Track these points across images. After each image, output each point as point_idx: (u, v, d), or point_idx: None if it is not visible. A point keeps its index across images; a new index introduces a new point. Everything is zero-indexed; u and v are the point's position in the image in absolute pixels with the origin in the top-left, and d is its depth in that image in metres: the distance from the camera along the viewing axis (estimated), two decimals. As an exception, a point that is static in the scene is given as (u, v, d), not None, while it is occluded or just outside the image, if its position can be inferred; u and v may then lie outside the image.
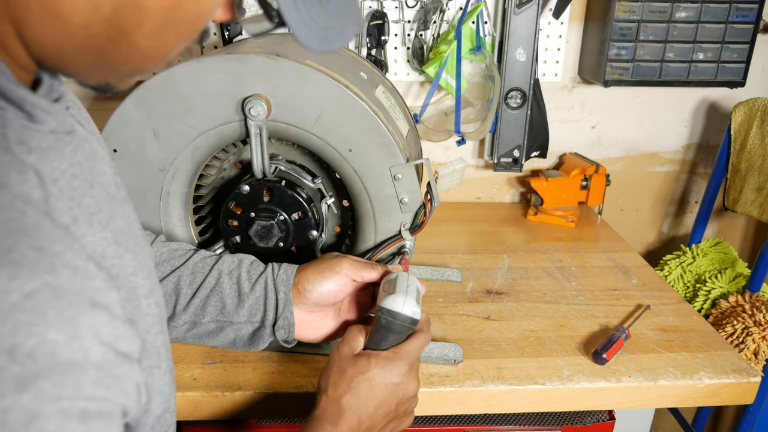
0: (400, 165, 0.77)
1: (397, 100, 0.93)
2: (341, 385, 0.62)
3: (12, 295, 0.30)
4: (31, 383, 0.29)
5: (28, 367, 0.29)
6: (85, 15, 0.36)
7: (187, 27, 0.40)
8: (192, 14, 0.40)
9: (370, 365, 0.63)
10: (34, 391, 0.29)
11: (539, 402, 0.82)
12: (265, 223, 0.81)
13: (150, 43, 0.39)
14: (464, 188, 1.47)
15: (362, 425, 0.61)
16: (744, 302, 1.17)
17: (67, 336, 0.31)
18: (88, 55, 0.38)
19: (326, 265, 0.72)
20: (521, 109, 1.30)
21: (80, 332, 0.32)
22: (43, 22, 0.36)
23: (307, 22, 0.41)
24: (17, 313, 0.30)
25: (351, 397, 0.61)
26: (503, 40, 1.25)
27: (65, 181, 0.39)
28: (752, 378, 0.83)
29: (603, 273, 1.12)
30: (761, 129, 1.25)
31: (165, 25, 0.39)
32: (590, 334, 0.92)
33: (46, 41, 0.37)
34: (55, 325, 0.31)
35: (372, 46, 1.25)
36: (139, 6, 0.37)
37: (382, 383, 0.62)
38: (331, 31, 0.43)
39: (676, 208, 1.56)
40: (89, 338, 0.33)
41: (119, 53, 0.39)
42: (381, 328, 0.65)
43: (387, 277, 0.70)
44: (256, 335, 0.74)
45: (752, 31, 1.26)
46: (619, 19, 1.23)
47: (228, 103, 0.75)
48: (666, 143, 1.48)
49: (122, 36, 0.38)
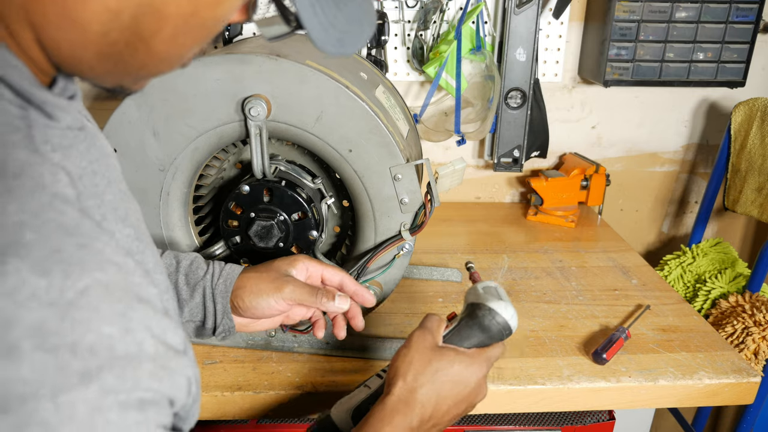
0: (400, 165, 0.77)
1: (397, 100, 0.93)
2: (425, 374, 0.60)
3: (67, 293, 0.30)
4: (95, 377, 0.31)
5: (90, 362, 0.30)
6: (104, 22, 0.36)
7: (204, 31, 0.41)
8: (209, 19, 0.40)
9: (456, 361, 0.61)
10: (98, 385, 0.31)
11: (539, 402, 0.82)
12: (265, 224, 0.81)
13: (167, 48, 0.40)
14: (464, 188, 1.47)
15: (431, 420, 0.61)
16: (744, 302, 1.17)
17: (120, 330, 0.32)
18: (107, 61, 0.39)
19: (268, 284, 0.69)
20: (521, 109, 1.30)
21: (132, 326, 0.33)
22: (61, 29, 0.36)
23: (324, 26, 0.42)
24: (74, 310, 0.30)
25: (430, 390, 0.60)
26: (503, 40, 1.25)
27: (88, 179, 0.40)
28: (752, 378, 0.83)
29: (603, 273, 1.12)
30: (761, 129, 1.25)
31: (183, 31, 0.39)
32: (590, 334, 0.92)
33: (63, 47, 0.37)
34: (108, 320, 0.32)
35: (372, 46, 1.25)
36: (158, 13, 0.37)
37: (462, 383, 0.62)
38: (347, 35, 0.43)
39: (676, 208, 1.56)
40: (141, 331, 0.34)
41: (137, 58, 0.39)
42: (477, 326, 0.63)
43: (483, 283, 0.67)
44: (199, 332, 0.73)
45: (752, 31, 1.26)
46: (619, 19, 1.23)
47: (228, 103, 0.75)
48: (666, 143, 1.48)
49: (140, 42, 0.38)
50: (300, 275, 0.72)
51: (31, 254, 0.30)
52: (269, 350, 0.87)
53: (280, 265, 0.71)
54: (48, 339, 0.29)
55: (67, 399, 0.30)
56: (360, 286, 0.74)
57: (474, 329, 0.63)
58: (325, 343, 0.86)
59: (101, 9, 0.36)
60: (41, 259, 0.30)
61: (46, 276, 0.30)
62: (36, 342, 0.29)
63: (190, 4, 0.38)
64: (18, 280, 0.29)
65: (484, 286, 0.66)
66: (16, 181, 0.32)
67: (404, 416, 0.59)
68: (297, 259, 0.72)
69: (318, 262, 0.73)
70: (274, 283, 0.69)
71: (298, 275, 0.72)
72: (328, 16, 0.42)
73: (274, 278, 0.70)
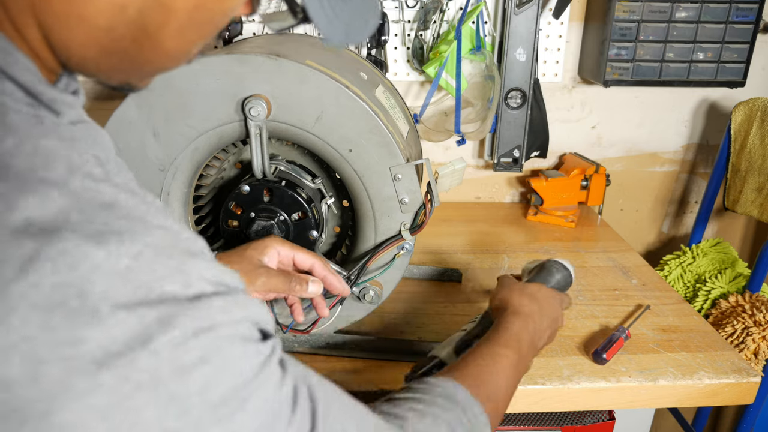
0: (400, 165, 0.77)
1: (397, 100, 0.93)
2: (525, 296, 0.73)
3: (122, 259, 0.32)
4: (172, 322, 0.33)
5: (163, 311, 0.33)
6: (110, 17, 0.37)
7: (210, 25, 0.41)
8: (216, 12, 0.40)
9: (542, 288, 0.76)
10: (178, 327, 0.33)
11: (539, 402, 0.82)
12: (265, 223, 0.81)
13: (174, 44, 0.40)
14: (464, 188, 1.47)
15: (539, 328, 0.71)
16: (744, 302, 1.17)
17: (181, 285, 0.34)
18: (112, 57, 0.39)
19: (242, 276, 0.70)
20: (521, 109, 1.30)
21: (189, 279, 0.35)
22: (68, 26, 0.36)
23: (330, 19, 0.42)
24: (132, 274, 0.32)
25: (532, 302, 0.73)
26: (503, 40, 1.25)
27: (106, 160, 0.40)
28: (752, 378, 0.83)
29: (603, 273, 1.12)
30: (761, 129, 1.25)
31: (189, 25, 0.39)
32: (590, 334, 0.92)
33: (71, 45, 0.38)
34: (167, 277, 0.34)
35: (372, 46, 1.25)
36: (164, 7, 0.37)
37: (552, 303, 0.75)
38: (352, 26, 0.44)
39: (676, 208, 1.56)
40: (200, 282, 0.35)
41: (143, 54, 0.39)
42: (550, 275, 0.80)
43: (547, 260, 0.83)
44: None
45: (752, 31, 1.26)
46: (619, 19, 1.23)
47: (228, 103, 0.75)
48: (666, 143, 1.48)
49: (146, 37, 0.38)
50: (272, 261, 0.73)
51: (85, 229, 0.32)
52: (269, 350, 0.87)
53: (252, 254, 0.72)
54: (119, 300, 0.32)
55: (157, 344, 0.32)
56: (329, 272, 0.76)
57: (547, 277, 0.80)
58: (324, 343, 0.86)
59: (107, 4, 0.36)
60: (95, 233, 0.32)
61: (104, 246, 0.32)
62: (111, 303, 0.31)
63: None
64: (79, 253, 0.31)
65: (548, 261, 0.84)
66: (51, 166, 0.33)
67: (524, 322, 0.70)
68: (268, 245, 0.73)
69: (290, 245, 0.74)
70: (247, 276, 0.70)
71: (270, 262, 0.73)
72: (334, 8, 0.42)
73: (247, 271, 0.71)
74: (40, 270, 0.30)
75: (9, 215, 0.30)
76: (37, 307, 0.30)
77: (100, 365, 0.31)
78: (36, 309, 0.30)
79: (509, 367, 0.64)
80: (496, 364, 0.63)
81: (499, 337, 0.67)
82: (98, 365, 0.31)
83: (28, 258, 0.30)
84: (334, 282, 0.76)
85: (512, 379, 0.64)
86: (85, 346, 0.31)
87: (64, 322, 0.30)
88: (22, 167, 0.32)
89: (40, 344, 0.30)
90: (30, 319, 0.30)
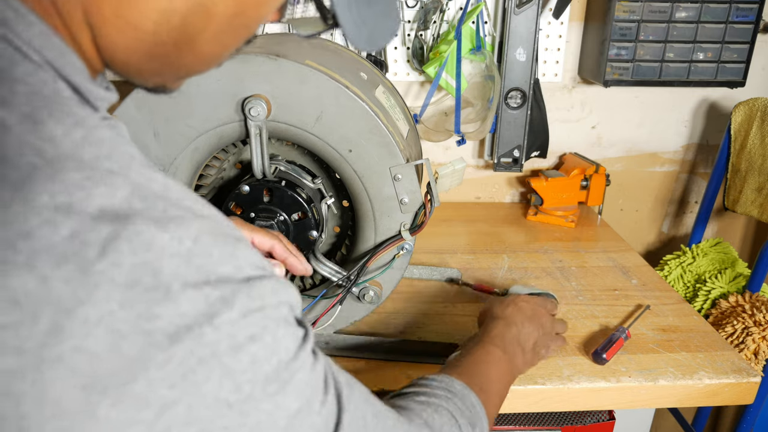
0: (400, 165, 0.77)
1: (397, 100, 0.93)
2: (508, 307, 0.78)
3: (185, 242, 0.35)
4: (233, 300, 0.36)
5: (225, 290, 0.35)
6: (155, 23, 0.39)
7: (245, 31, 0.43)
8: (252, 19, 0.42)
9: (523, 299, 0.81)
10: (238, 305, 0.36)
11: (539, 402, 0.82)
12: (265, 224, 0.81)
13: (210, 48, 0.42)
14: (464, 188, 1.47)
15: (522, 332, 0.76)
16: (744, 302, 1.17)
17: (233, 267, 0.37)
18: (154, 61, 0.41)
19: None
20: (521, 109, 1.30)
21: (240, 263, 0.37)
22: (116, 30, 0.39)
23: (357, 23, 0.44)
24: (193, 257, 0.35)
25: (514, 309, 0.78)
26: (503, 40, 1.25)
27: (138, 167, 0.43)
28: (752, 378, 0.83)
29: (603, 273, 1.12)
30: (761, 129, 1.25)
31: (227, 30, 0.41)
32: (590, 334, 0.92)
33: (118, 48, 0.40)
34: (222, 261, 0.36)
35: (372, 46, 1.24)
36: (206, 12, 0.39)
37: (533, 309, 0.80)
38: (376, 31, 0.46)
39: (676, 208, 1.56)
40: (247, 265, 0.38)
41: (182, 58, 0.42)
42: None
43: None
44: None
45: (752, 31, 1.26)
46: (619, 19, 1.23)
47: (228, 103, 0.75)
48: (666, 143, 1.48)
49: (186, 42, 0.40)
50: None
51: (150, 215, 0.34)
52: (269, 350, 0.87)
53: None
54: (187, 279, 0.34)
55: (219, 321, 0.35)
56: (289, 253, 0.75)
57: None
58: (324, 343, 0.86)
59: (153, 10, 0.38)
60: (157, 219, 0.34)
61: (167, 231, 0.34)
62: (180, 282, 0.34)
63: (236, 4, 0.40)
64: (150, 236, 0.33)
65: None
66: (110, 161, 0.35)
67: (506, 326, 0.74)
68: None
69: (248, 227, 0.74)
70: None
71: None
72: (360, 13, 0.44)
73: None
74: (120, 250, 0.32)
75: (87, 203, 0.32)
76: (117, 284, 0.32)
77: (173, 339, 0.33)
78: (117, 286, 0.32)
79: (496, 362, 0.69)
80: (485, 359, 0.68)
81: (482, 338, 0.72)
82: (171, 339, 0.33)
83: (109, 240, 0.32)
84: (295, 263, 0.76)
85: (501, 374, 0.69)
86: (160, 321, 0.33)
87: (142, 299, 0.33)
88: (90, 158, 0.34)
89: (121, 319, 0.32)
90: (112, 296, 0.32)
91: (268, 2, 0.42)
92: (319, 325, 0.85)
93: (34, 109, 0.34)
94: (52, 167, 0.32)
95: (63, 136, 0.34)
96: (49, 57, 0.37)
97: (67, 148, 0.33)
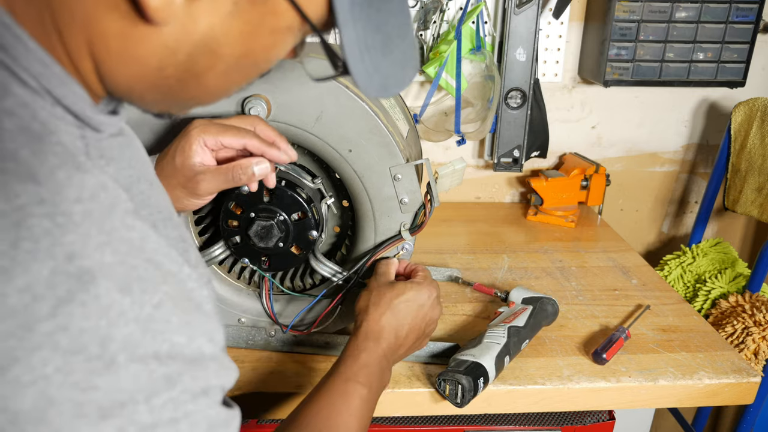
0: (400, 165, 0.77)
1: (397, 100, 0.93)
2: (381, 305, 0.71)
3: (145, 308, 0.33)
4: (177, 380, 0.34)
5: (171, 368, 0.34)
6: (161, 59, 0.38)
7: (255, 69, 0.43)
8: (262, 60, 0.42)
9: (407, 288, 0.73)
10: (180, 386, 0.35)
11: (539, 402, 0.82)
12: (264, 224, 0.81)
13: (217, 83, 0.41)
14: (464, 188, 1.47)
15: (398, 341, 0.71)
16: (744, 302, 1.17)
17: (187, 338, 0.36)
18: (157, 92, 0.41)
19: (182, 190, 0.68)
20: (521, 109, 1.30)
21: (194, 333, 0.36)
22: (121, 63, 0.38)
23: (369, 72, 0.42)
24: (152, 323, 0.34)
25: (390, 316, 0.70)
26: (503, 40, 1.25)
27: (136, 186, 0.42)
28: (752, 378, 0.83)
29: (603, 273, 1.12)
30: (761, 129, 1.25)
31: (234, 69, 0.41)
32: (590, 334, 0.92)
33: (121, 80, 0.39)
34: (178, 330, 0.35)
35: (372, 46, 1.24)
36: (213, 53, 0.39)
37: (416, 305, 0.73)
38: (390, 79, 0.44)
39: (676, 208, 1.56)
40: (201, 337, 0.37)
41: (187, 92, 0.41)
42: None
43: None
44: None
45: (752, 31, 1.26)
46: (619, 19, 1.23)
47: (228, 102, 0.75)
48: (666, 143, 1.48)
49: (192, 77, 0.40)
50: (204, 155, 0.67)
51: (115, 274, 0.32)
52: (269, 350, 0.87)
53: (182, 161, 0.67)
54: (136, 351, 0.33)
55: (158, 401, 0.34)
56: (267, 145, 0.69)
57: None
58: (324, 343, 0.86)
59: (160, 46, 0.38)
60: (122, 278, 0.33)
61: (129, 294, 0.33)
62: (128, 354, 0.32)
63: (243, 46, 0.39)
64: (109, 299, 0.32)
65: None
66: (92, 204, 0.34)
67: (375, 342, 0.68)
68: (191, 141, 0.67)
69: (214, 129, 0.67)
70: (186, 188, 0.67)
71: (203, 157, 0.67)
72: (374, 62, 0.42)
73: (184, 182, 0.67)
74: (72, 314, 0.31)
75: (52, 252, 0.31)
76: (59, 349, 0.30)
77: (104, 415, 0.31)
78: (58, 351, 0.30)
79: (361, 405, 0.62)
80: (346, 404, 0.61)
81: (343, 372, 0.65)
82: (101, 414, 0.31)
83: (63, 300, 0.30)
84: (275, 154, 0.69)
85: (365, 418, 0.62)
86: (95, 393, 0.31)
87: (82, 368, 0.31)
88: (67, 202, 0.32)
89: (54, 386, 0.30)
90: (51, 360, 0.30)
91: (277, 45, 0.41)
92: (319, 324, 0.85)
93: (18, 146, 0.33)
94: (22, 212, 0.31)
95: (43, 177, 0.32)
96: (47, 85, 0.36)
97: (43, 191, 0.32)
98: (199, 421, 0.36)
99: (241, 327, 0.87)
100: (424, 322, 0.74)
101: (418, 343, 0.75)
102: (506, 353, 0.80)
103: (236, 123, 0.69)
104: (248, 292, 0.89)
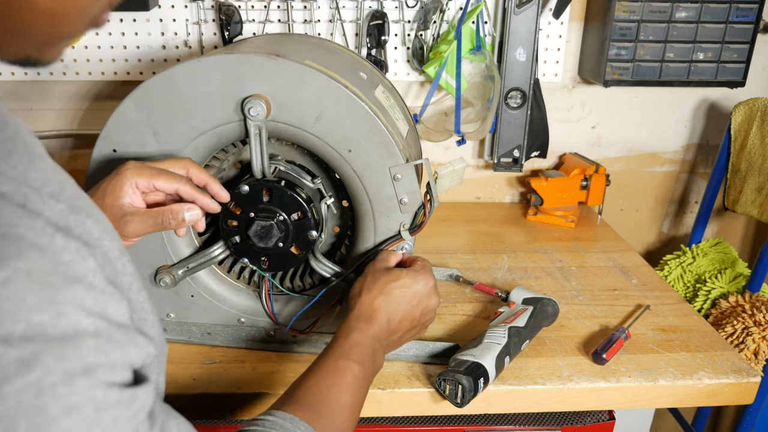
0: (399, 165, 0.77)
1: (396, 100, 0.93)
2: (374, 289, 0.70)
3: None
4: (34, 362, 0.30)
5: (26, 349, 0.30)
6: None
7: None
8: None
9: (402, 274, 0.72)
10: (39, 369, 0.31)
11: (539, 402, 0.82)
12: (264, 224, 0.81)
13: (52, 3, 0.36)
14: (464, 188, 1.47)
15: (390, 326, 0.69)
16: (744, 302, 1.17)
17: (52, 316, 0.32)
18: None
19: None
20: (521, 109, 1.30)
21: (64, 309, 0.32)
22: None
23: None
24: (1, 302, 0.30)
25: (383, 299, 0.69)
26: (503, 40, 1.25)
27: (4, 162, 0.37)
28: (752, 378, 0.83)
29: (603, 273, 1.12)
30: (761, 129, 1.25)
31: None
32: (590, 334, 0.92)
33: None
34: (36, 307, 0.31)
35: (372, 46, 1.24)
36: None
37: (411, 291, 0.71)
38: None
39: (676, 208, 1.56)
40: (75, 313, 0.33)
41: (21, 17, 0.36)
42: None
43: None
44: None
45: (752, 31, 1.26)
46: (619, 19, 1.23)
47: (228, 103, 0.75)
48: (666, 143, 1.48)
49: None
50: (135, 197, 0.66)
51: None
52: (269, 350, 0.87)
53: (111, 202, 0.65)
54: None
55: (10, 389, 0.30)
56: (198, 193, 0.69)
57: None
58: (324, 343, 0.86)
59: None
60: None
61: None
62: None
63: None
64: None
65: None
66: None
67: (366, 323, 0.67)
68: (122, 182, 0.66)
69: (148, 173, 0.67)
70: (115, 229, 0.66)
71: (133, 198, 0.66)
72: None
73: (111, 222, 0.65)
74: None
75: None
76: None
77: None
78: None
79: (351, 382, 0.61)
80: (338, 381, 0.61)
81: (336, 350, 0.64)
82: None
83: None
84: (206, 202, 0.69)
85: (357, 394, 0.62)
86: None
87: None
88: None
89: None
90: None
91: None
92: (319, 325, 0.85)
93: None
94: None
95: None
96: None
97: None
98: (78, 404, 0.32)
99: (241, 327, 0.87)
100: (419, 310, 0.73)
101: (414, 332, 0.74)
102: (506, 353, 0.80)
103: (169, 166, 0.69)
104: (248, 292, 0.89)
